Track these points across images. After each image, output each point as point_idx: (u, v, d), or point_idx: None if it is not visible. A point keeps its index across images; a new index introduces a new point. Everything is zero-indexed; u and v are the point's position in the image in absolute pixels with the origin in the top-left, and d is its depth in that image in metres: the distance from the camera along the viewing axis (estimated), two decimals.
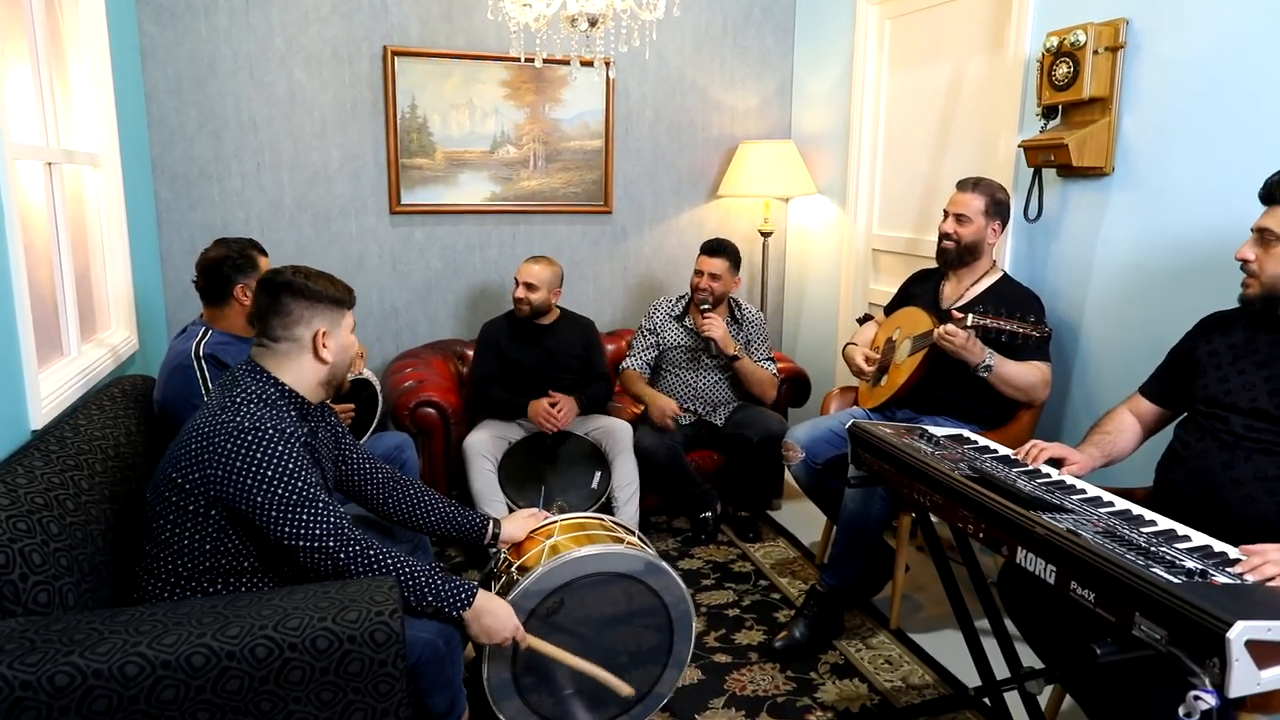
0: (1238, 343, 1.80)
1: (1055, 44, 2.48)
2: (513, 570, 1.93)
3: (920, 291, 2.78)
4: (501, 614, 1.71)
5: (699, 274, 3.21)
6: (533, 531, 2.06)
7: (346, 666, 1.41)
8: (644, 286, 4.00)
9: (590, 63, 3.46)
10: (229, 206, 3.33)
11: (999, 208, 2.58)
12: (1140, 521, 1.51)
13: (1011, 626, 1.94)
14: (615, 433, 3.12)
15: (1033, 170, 2.67)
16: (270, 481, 1.54)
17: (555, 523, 2.07)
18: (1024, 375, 2.44)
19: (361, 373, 2.67)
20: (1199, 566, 1.31)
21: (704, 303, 3.17)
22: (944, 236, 2.61)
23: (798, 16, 3.99)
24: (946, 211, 2.62)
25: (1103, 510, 1.55)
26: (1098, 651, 1.25)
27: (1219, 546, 1.41)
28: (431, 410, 3.07)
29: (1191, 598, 1.16)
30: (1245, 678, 1.10)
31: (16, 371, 1.76)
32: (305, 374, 1.69)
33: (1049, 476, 1.75)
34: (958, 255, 2.60)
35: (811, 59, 3.92)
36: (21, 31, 2.11)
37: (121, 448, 1.92)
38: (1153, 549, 1.36)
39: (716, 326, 3.08)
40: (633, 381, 3.32)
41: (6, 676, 1.22)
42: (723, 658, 2.44)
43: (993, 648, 1.97)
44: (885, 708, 2.23)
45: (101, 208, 2.61)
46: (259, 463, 1.54)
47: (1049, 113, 2.57)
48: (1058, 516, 1.47)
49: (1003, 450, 1.90)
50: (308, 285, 1.67)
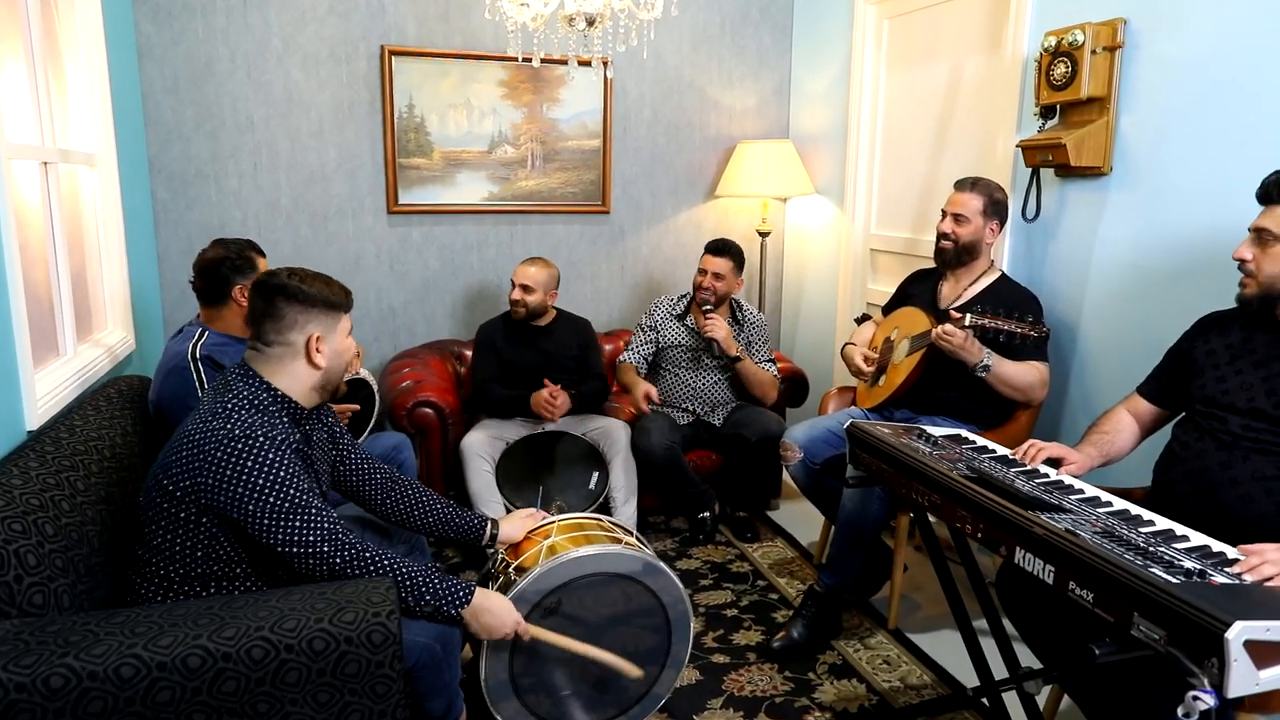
0: (1235, 343, 1.81)
1: (1053, 44, 2.48)
2: (510, 571, 1.93)
3: (918, 291, 2.78)
4: (500, 610, 1.71)
5: (702, 273, 3.20)
6: (530, 532, 2.06)
7: (343, 668, 1.41)
8: (642, 286, 4.00)
9: (588, 62, 3.47)
10: (226, 206, 3.33)
11: (997, 207, 2.58)
12: (1139, 521, 1.51)
13: (1010, 627, 1.94)
14: (613, 433, 3.12)
15: (1031, 170, 2.67)
16: (261, 490, 1.53)
17: (553, 523, 2.06)
18: (1022, 375, 2.44)
19: (358, 373, 2.66)
20: (1197, 566, 1.31)
21: (706, 303, 3.16)
22: (942, 236, 2.62)
23: (795, 16, 3.99)
24: (944, 211, 2.62)
25: (1101, 510, 1.55)
26: (1096, 652, 1.25)
27: (1217, 546, 1.41)
28: (429, 410, 3.07)
29: (1190, 598, 1.16)
30: (1244, 678, 1.09)
31: (12, 372, 1.76)
32: (298, 379, 1.67)
33: (1047, 476, 1.75)
34: (956, 255, 2.60)
35: (809, 58, 3.92)
36: (17, 30, 2.10)
37: (118, 448, 1.92)
38: (1151, 549, 1.36)
39: (719, 327, 3.07)
40: (625, 372, 3.32)
41: (1, 679, 1.21)
42: (721, 658, 2.43)
43: (991, 648, 1.97)
44: (883, 708, 2.23)
45: (98, 207, 2.61)
46: (250, 471, 1.52)
47: (1047, 112, 2.57)
48: (1056, 516, 1.47)
49: (1001, 450, 1.90)
50: (301, 289, 1.64)
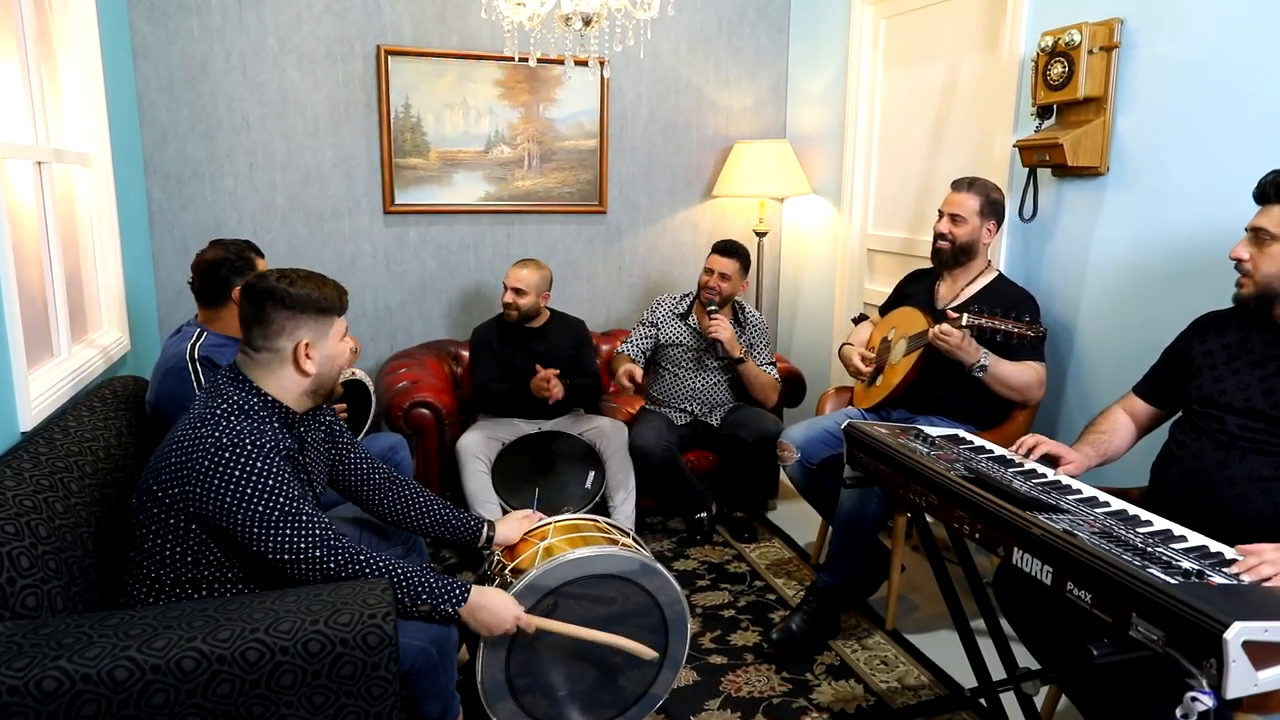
0: (1232, 343, 1.80)
1: (1050, 44, 2.48)
2: (506, 573, 1.92)
3: (915, 291, 2.78)
4: (497, 606, 1.70)
5: (709, 273, 3.19)
6: (527, 533, 2.05)
7: (339, 670, 1.40)
8: (639, 287, 4.00)
9: (585, 62, 3.48)
10: (221, 206, 3.31)
11: (994, 208, 2.58)
12: (1136, 522, 1.51)
13: (1008, 627, 1.94)
14: (609, 433, 3.11)
15: (1028, 170, 2.67)
16: (249, 499, 1.51)
17: (550, 524, 2.06)
18: (1019, 375, 2.44)
19: (354, 374, 2.66)
20: (1195, 567, 1.31)
21: (710, 303, 3.15)
22: (939, 236, 2.62)
23: (792, 16, 3.98)
24: (941, 211, 2.62)
25: (1099, 510, 1.54)
26: (1094, 652, 1.25)
27: (1215, 547, 1.41)
28: (426, 411, 3.06)
29: (1188, 598, 1.15)
30: (1242, 678, 1.09)
31: (6, 372, 1.75)
32: (287, 385, 1.64)
33: (1045, 477, 1.74)
34: (953, 255, 2.60)
35: (806, 58, 3.92)
36: (11, 29, 2.09)
37: (112, 450, 1.91)
38: (1149, 549, 1.36)
39: (724, 328, 3.06)
40: (618, 361, 3.26)
41: None
42: (718, 659, 2.43)
43: (989, 648, 1.97)
44: (881, 708, 2.22)
45: (92, 208, 2.59)
46: (238, 480, 1.51)
47: (1044, 112, 2.57)
48: (1054, 517, 1.46)
49: (998, 450, 1.90)
50: (290, 293, 1.59)
